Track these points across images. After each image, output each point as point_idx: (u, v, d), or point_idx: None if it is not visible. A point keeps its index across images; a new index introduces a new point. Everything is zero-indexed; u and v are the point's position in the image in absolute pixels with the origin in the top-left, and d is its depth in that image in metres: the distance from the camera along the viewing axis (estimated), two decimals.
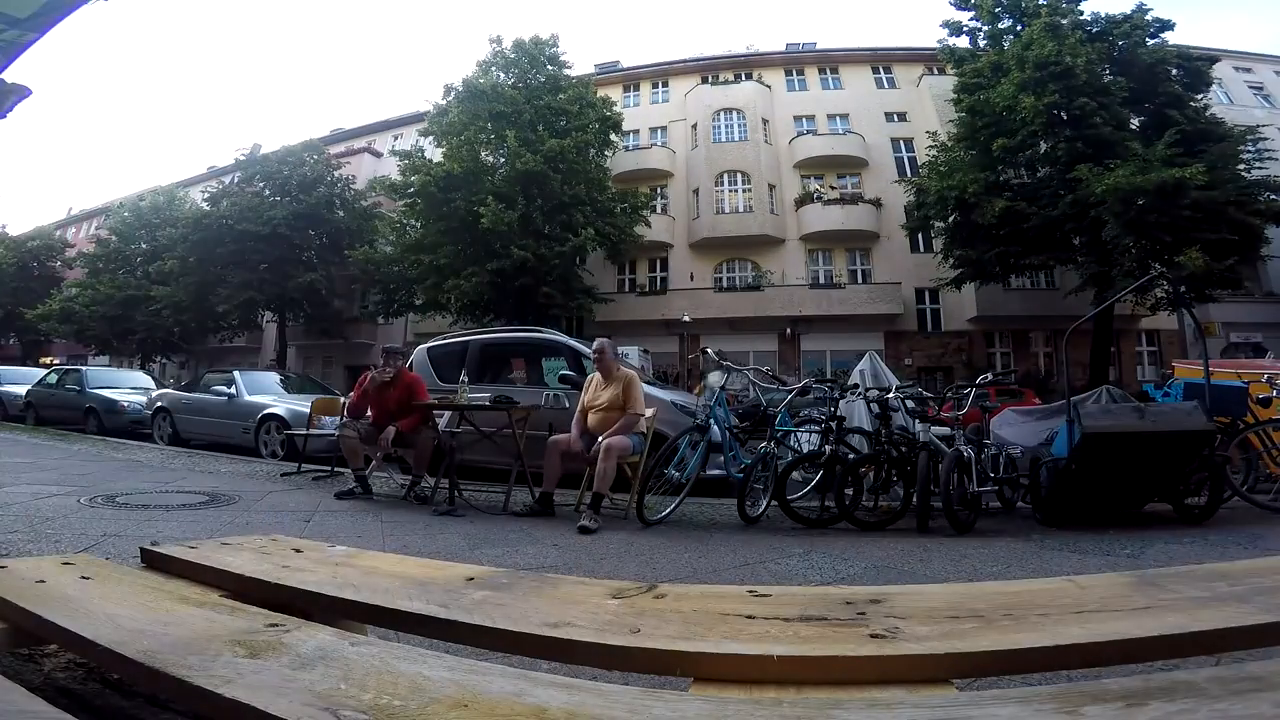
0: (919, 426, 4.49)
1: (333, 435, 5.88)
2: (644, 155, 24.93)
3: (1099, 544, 3.59)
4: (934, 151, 18.70)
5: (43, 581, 1.36)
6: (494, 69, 21.02)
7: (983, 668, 0.94)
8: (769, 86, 25.00)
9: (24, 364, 24.51)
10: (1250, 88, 23.40)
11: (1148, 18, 16.49)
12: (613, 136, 22.08)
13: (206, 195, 26.36)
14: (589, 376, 4.96)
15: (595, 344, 4.94)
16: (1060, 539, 3.76)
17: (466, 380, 5.32)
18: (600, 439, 4.38)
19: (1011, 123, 16.07)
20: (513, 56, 20.99)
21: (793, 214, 23.51)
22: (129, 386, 12.19)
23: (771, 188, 23.66)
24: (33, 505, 4.16)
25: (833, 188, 23.84)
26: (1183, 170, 13.39)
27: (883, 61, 25.52)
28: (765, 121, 24.40)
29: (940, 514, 4.09)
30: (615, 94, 25.03)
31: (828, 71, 25.86)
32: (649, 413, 4.73)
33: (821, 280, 23.28)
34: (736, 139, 24.07)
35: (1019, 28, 17.04)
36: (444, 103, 21.02)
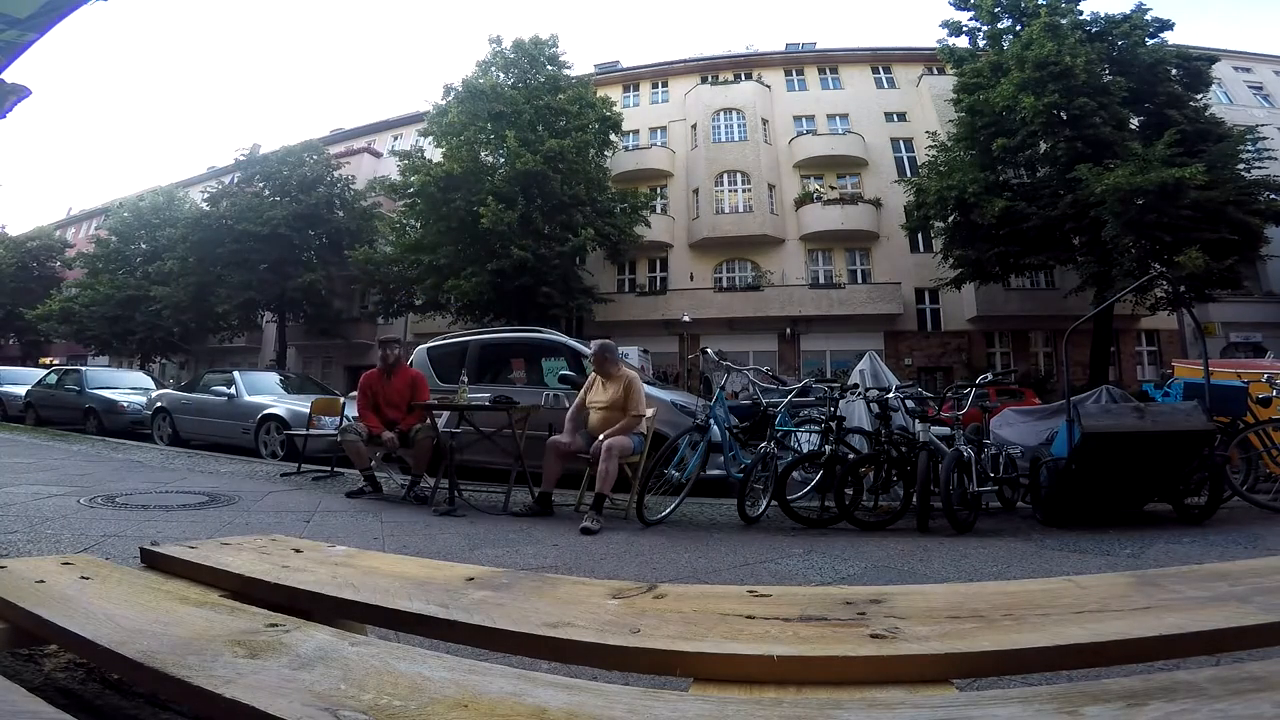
0: (919, 426, 4.48)
1: (333, 435, 5.88)
2: (644, 155, 24.93)
3: (1099, 544, 3.59)
4: (934, 151, 18.71)
5: (42, 582, 1.36)
6: (494, 69, 21.02)
7: (983, 668, 0.94)
8: (769, 86, 25.00)
9: (24, 364, 24.53)
10: (1250, 87, 23.41)
11: (1147, 17, 16.51)
12: (612, 136, 22.09)
13: (206, 195, 26.37)
14: (590, 376, 4.96)
15: (594, 346, 4.93)
16: (1060, 539, 3.76)
17: (466, 380, 5.33)
18: (601, 438, 4.38)
19: (1011, 123, 16.09)
20: (512, 57, 21.00)
21: (792, 214, 23.51)
22: (129, 387, 12.18)
23: (771, 188, 23.66)
24: (32, 506, 4.16)
25: (832, 188, 23.84)
26: (1182, 170, 13.39)
27: (882, 61, 25.53)
28: (765, 121, 24.41)
29: (940, 514, 4.09)
30: (615, 94, 25.03)
31: (827, 71, 25.87)
32: (649, 413, 4.73)
33: (821, 280, 23.28)
34: (736, 139, 24.07)
35: (1018, 28, 17.06)
36: (443, 103, 21.02)
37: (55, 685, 1.35)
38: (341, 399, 7.18)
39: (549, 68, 21.12)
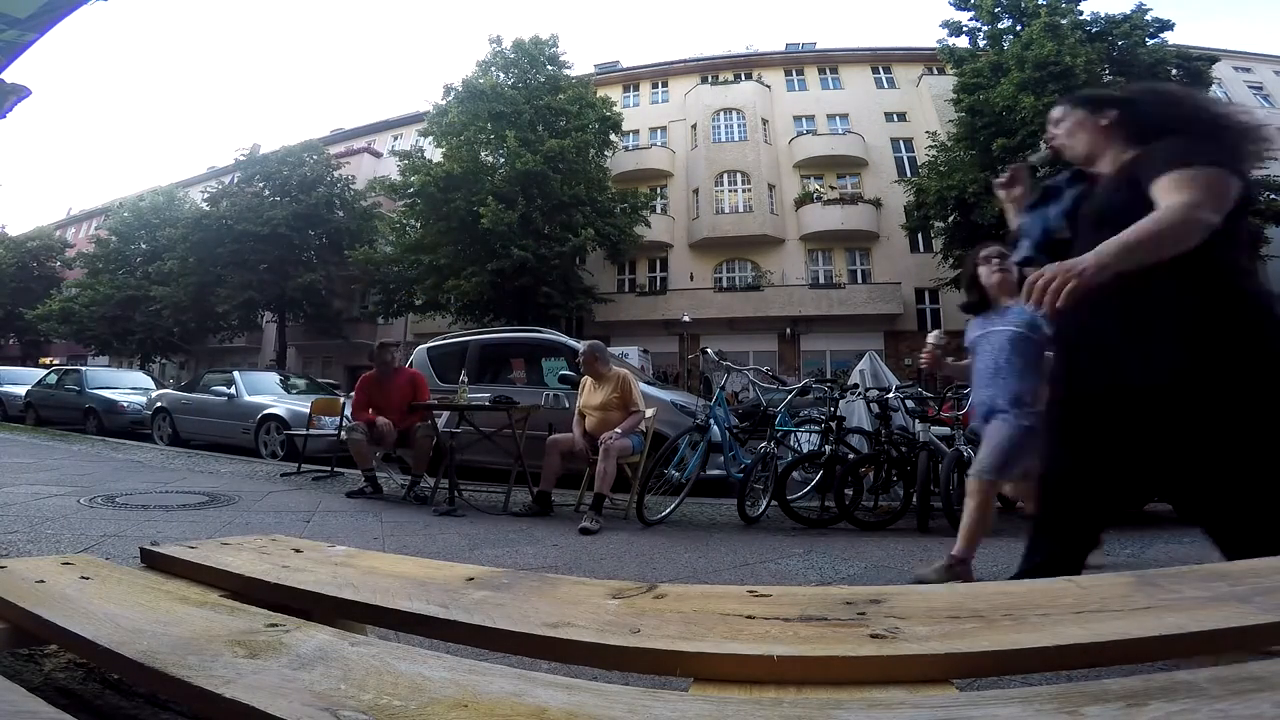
0: (919, 426, 4.49)
1: (333, 435, 5.88)
2: (644, 155, 24.95)
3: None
4: (934, 151, 18.73)
5: (42, 582, 1.36)
6: (494, 69, 21.03)
7: (983, 668, 0.94)
8: (769, 86, 25.01)
9: (24, 364, 24.54)
10: (1250, 88, 23.41)
11: (1147, 18, 16.54)
12: (612, 136, 22.10)
13: (206, 195, 26.39)
14: (581, 379, 4.95)
15: (582, 347, 4.91)
16: None
17: (466, 380, 5.33)
18: (601, 439, 4.37)
19: (1011, 123, 16.09)
20: (512, 57, 21.01)
21: (792, 214, 23.53)
22: (129, 387, 12.19)
23: (771, 188, 23.67)
24: (32, 505, 4.16)
25: (832, 188, 23.86)
26: None
27: (882, 61, 25.54)
28: (765, 121, 24.42)
29: (940, 514, 4.09)
30: (615, 94, 25.05)
31: (827, 71, 25.88)
32: (649, 413, 4.73)
33: (821, 280, 23.30)
34: (736, 139, 24.08)
35: (1019, 28, 17.08)
36: (444, 103, 21.02)
37: (55, 685, 1.35)
38: (341, 399, 7.19)
39: (549, 68, 21.12)
